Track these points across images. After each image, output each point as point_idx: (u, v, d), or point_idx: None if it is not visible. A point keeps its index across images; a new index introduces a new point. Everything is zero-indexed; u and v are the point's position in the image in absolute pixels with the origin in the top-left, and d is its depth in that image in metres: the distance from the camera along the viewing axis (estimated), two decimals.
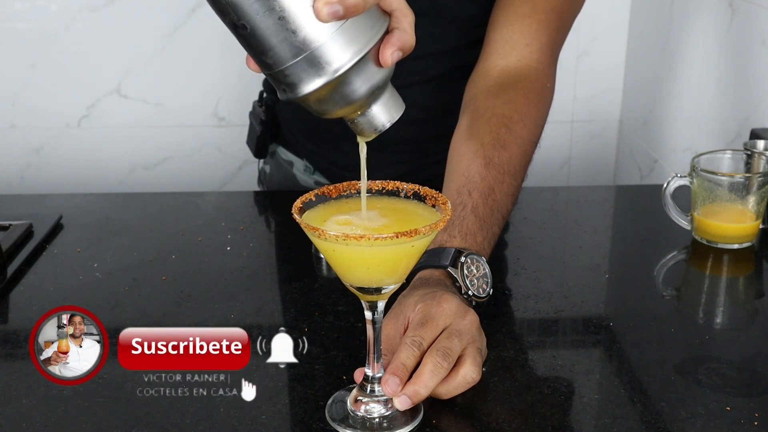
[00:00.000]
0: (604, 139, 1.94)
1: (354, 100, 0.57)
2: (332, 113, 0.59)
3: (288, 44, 0.54)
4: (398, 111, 0.61)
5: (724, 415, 0.67)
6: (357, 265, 0.62)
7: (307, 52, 0.54)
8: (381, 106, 0.60)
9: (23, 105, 1.87)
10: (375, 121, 0.60)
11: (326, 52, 0.54)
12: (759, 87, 1.23)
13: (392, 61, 0.57)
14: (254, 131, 1.26)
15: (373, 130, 0.61)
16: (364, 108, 0.59)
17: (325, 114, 0.59)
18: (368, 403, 0.67)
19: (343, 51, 0.54)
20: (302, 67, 0.55)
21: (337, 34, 0.54)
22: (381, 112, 0.60)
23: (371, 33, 0.56)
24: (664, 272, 0.95)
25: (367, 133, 0.61)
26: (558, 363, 0.75)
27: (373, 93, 0.58)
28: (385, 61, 0.57)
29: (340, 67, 0.55)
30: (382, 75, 0.58)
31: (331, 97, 0.57)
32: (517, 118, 0.92)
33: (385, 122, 0.60)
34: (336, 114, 0.59)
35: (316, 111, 0.59)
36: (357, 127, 0.61)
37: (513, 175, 0.89)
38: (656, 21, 1.67)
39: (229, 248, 0.99)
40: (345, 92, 0.57)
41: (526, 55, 0.97)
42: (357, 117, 0.60)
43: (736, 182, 0.96)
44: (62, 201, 1.16)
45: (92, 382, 0.72)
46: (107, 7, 1.80)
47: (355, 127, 0.61)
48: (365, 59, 0.56)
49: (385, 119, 0.60)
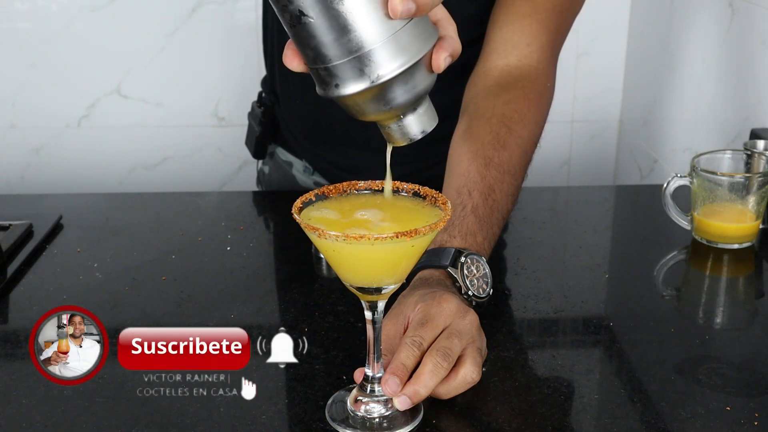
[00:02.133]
0: (604, 139, 1.94)
1: (396, 106, 0.58)
2: (369, 116, 0.59)
3: (347, 40, 0.53)
4: (432, 123, 0.61)
5: (724, 415, 0.67)
6: (357, 265, 0.62)
7: (363, 51, 0.54)
8: (417, 116, 0.60)
9: (23, 105, 1.87)
10: (408, 130, 0.60)
11: (381, 55, 0.54)
12: (759, 87, 1.23)
13: (444, 66, 0.58)
14: (253, 132, 1.25)
15: (404, 139, 0.61)
16: (401, 116, 0.59)
17: (361, 116, 0.59)
18: (368, 403, 0.67)
19: (396, 56, 0.55)
20: (354, 66, 0.54)
21: (394, 38, 0.54)
22: (416, 122, 0.60)
23: (424, 41, 0.56)
24: (664, 272, 0.95)
25: (399, 140, 0.61)
26: (558, 363, 0.75)
27: (414, 101, 0.58)
28: (438, 67, 0.58)
29: (390, 72, 0.55)
30: (426, 84, 0.58)
31: (375, 101, 0.57)
32: (517, 118, 0.92)
33: (418, 132, 0.61)
34: (372, 117, 0.59)
35: (354, 111, 0.58)
36: (390, 133, 0.61)
37: (513, 175, 0.89)
38: (656, 21, 1.67)
39: (229, 248, 0.99)
40: (388, 97, 0.57)
41: (527, 54, 0.97)
42: (392, 123, 0.60)
43: (736, 182, 0.96)
44: (62, 201, 1.16)
45: (92, 382, 0.72)
46: (107, 7, 1.80)
47: (388, 133, 0.61)
48: (415, 66, 0.56)
49: (418, 129, 0.61)
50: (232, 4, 1.80)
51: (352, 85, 0.55)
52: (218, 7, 1.80)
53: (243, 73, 1.85)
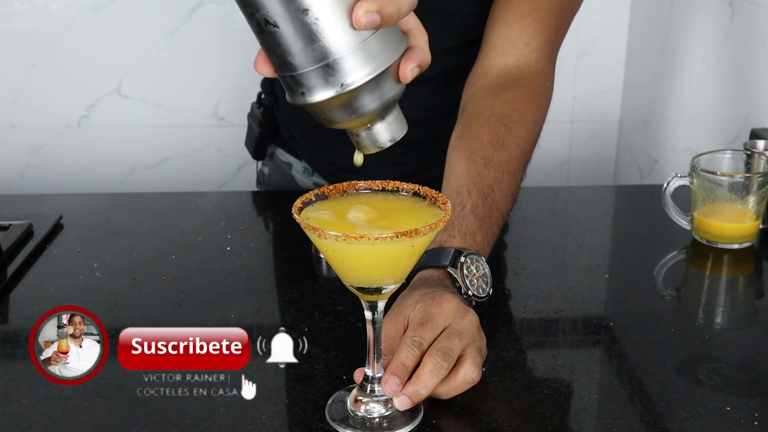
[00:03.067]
0: (604, 139, 1.94)
1: (364, 114, 0.58)
2: (338, 124, 0.59)
3: (314, 48, 0.54)
4: (401, 131, 0.62)
5: (724, 415, 0.67)
6: (357, 265, 0.62)
7: (330, 59, 0.54)
8: (387, 124, 0.60)
9: (23, 105, 1.87)
10: (378, 138, 0.61)
11: (348, 63, 0.54)
12: (759, 87, 1.23)
13: (411, 76, 0.58)
14: (253, 133, 1.25)
15: (374, 147, 0.62)
16: (370, 124, 0.60)
17: (331, 124, 0.59)
18: (368, 403, 0.67)
19: (364, 65, 0.55)
20: (321, 74, 0.55)
21: (361, 46, 0.54)
22: (385, 130, 0.61)
23: (392, 50, 0.57)
24: (664, 272, 0.95)
25: (368, 148, 0.62)
26: (558, 363, 0.75)
27: (382, 110, 0.59)
28: (405, 77, 0.58)
29: (357, 80, 0.55)
30: (394, 92, 0.58)
31: (343, 108, 0.57)
32: (516, 117, 0.92)
33: (387, 140, 0.61)
34: (342, 125, 0.59)
35: (322, 119, 0.59)
36: (360, 141, 0.62)
37: (512, 175, 0.89)
38: (656, 21, 1.67)
39: (229, 248, 0.99)
40: (357, 105, 0.57)
41: (525, 54, 0.97)
42: (361, 131, 0.61)
43: (736, 182, 0.96)
44: (62, 201, 1.16)
45: (92, 382, 0.72)
46: (107, 7, 1.80)
47: (358, 141, 0.62)
48: (383, 75, 0.56)
49: (387, 137, 0.61)
50: (232, 4, 1.79)
51: (319, 93, 0.56)
52: (218, 7, 1.80)
53: (243, 73, 1.85)
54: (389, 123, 0.60)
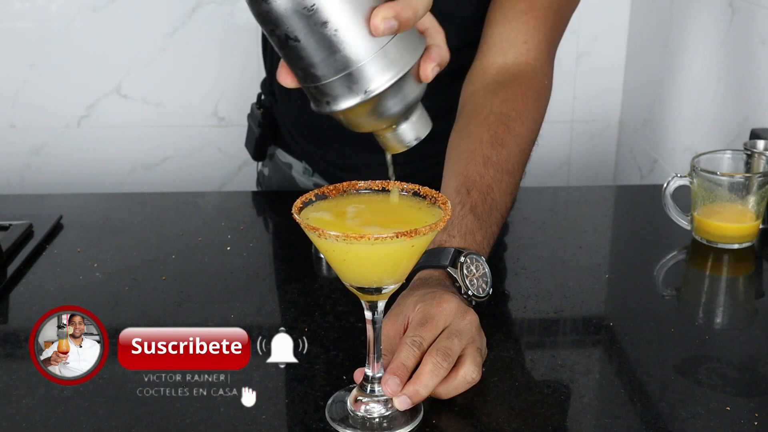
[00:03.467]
0: (604, 139, 1.94)
1: (389, 117, 0.59)
2: (364, 128, 0.60)
3: (335, 59, 0.54)
4: (426, 129, 0.63)
5: (724, 415, 0.67)
6: (357, 265, 0.62)
7: (352, 68, 0.55)
8: (411, 123, 0.61)
9: (23, 105, 1.87)
10: (403, 137, 0.62)
11: (370, 70, 0.55)
12: (759, 87, 1.23)
13: (432, 75, 0.59)
14: (252, 134, 1.25)
15: (401, 146, 0.63)
16: (395, 125, 0.61)
17: (357, 128, 0.60)
18: (368, 403, 0.67)
19: (385, 70, 0.56)
20: (344, 83, 0.56)
21: (382, 52, 0.55)
22: (410, 129, 0.62)
23: (412, 52, 0.57)
24: (664, 272, 0.95)
25: (395, 147, 0.63)
26: (558, 363, 0.75)
27: (406, 111, 0.60)
28: (426, 77, 0.59)
29: (380, 86, 0.56)
30: (416, 94, 0.59)
31: (368, 113, 0.58)
32: (515, 116, 0.92)
33: (413, 139, 0.62)
34: (367, 128, 0.60)
35: (348, 125, 0.60)
36: (386, 142, 0.63)
37: (512, 174, 0.88)
38: (656, 21, 1.67)
39: (229, 248, 0.99)
40: (380, 110, 0.58)
41: (524, 52, 0.96)
42: (387, 132, 0.62)
43: (736, 182, 0.96)
44: (62, 201, 1.16)
45: (92, 382, 0.72)
46: (107, 7, 1.80)
47: (384, 141, 0.63)
48: (405, 78, 0.57)
49: (413, 136, 0.62)
50: (232, 4, 1.80)
51: (344, 101, 0.56)
52: (218, 7, 1.80)
53: (243, 73, 1.85)
54: (413, 122, 0.61)
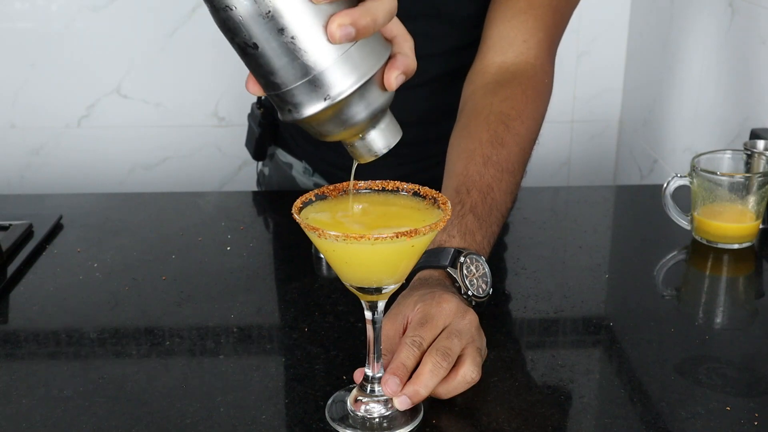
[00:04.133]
0: (604, 139, 1.94)
1: (354, 124, 0.58)
2: (332, 136, 0.59)
3: (295, 66, 0.54)
4: (395, 137, 0.62)
5: (724, 415, 0.67)
6: (357, 265, 0.62)
7: (312, 74, 0.54)
8: (380, 131, 0.61)
9: (23, 105, 1.87)
10: (373, 146, 0.61)
11: (331, 76, 0.55)
12: (759, 87, 1.23)
13: (396, 84, 0.58)
14: (253, 133, 1.25)
15: (370, 155, 0.62)
16: (364, 132, 0.60)
17: (325, 136, 0.59)
18: (368, 403, 0.67)
19: (347, 76, 0.55)
20: (306, 90, 0.55)
21: (343, 58, 0.55)
22: (379, 137, 0.61)
23: (375, 59, 0.57)
24: (664, 272, 0.95)
25: (365, 156, 0.62)
26: (558, 363, 0.75)
27: (373, 118, 0.59)
28: (390, 85, 0.58)
29: (342, 92, 0.55)
30: (383, 100, 0.59)
31: (332, 121, 0.57)
32: (515, 115, 0.92)
33: (382, 147, 0.61)
34: (335, 137, 0.60)
35: (315, 133, 0.59)
36: (355, 151, 0.62)
37: (512, 173, 0.88)
38: (656, 21, 1.67)
39: (229, 248, 0.99)
40: (346, 116, 0.57)
41: (524, 51, 0.96)
42: (355, 141, 0.61)
43: (736, 182, 0.96)
44: (62, 201, 1.16)
45: (92, 382, 0.72)
46: (107, 7, 1.80)
47: (354, 151, 0.62)
48: (368, 84, 0.56)
49: (382, 144, 0.61)
50: None
51: (306, 108, 0.56)
52: None
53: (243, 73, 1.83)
54: (382, 130, 0.61)
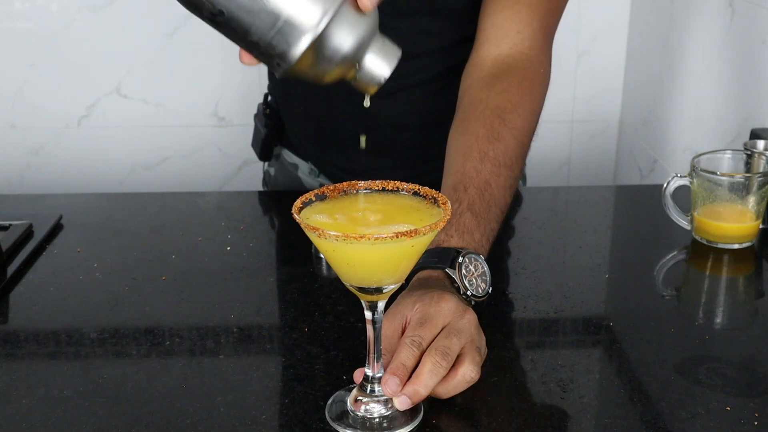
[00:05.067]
0: (604, 139, 1.95)
1: (345, 56, 0.57)
2: (329, 74, 0.58)
3: (263, 16, 0.54)
4: (394, 57, 0.61)
5: (724, 415, 0.67)
6: (357, 265, 0.62)
7: (282, 19, 0.54)
8: (374, 56, 0.59)
9: (23, 105, 1.87)
10: (374, 73, 0.60)
11: (300, 15, 0.55)
12: (759, 87, 1.23)
13: (372, 5, 0.57)
14: (259, 134, 1.25)
15: (374, 83, 0.61)
16: (358, 62, 0.59)
17: (323, 77, 0.59)
18: (368, 403, 0.67)
19: (315, 10, 0.55)
20: (283, 36, 0.55)
21: None
22: (376, 61, 0.60)
23: None
24: (664, 272, 0.95)
25: (371, 85, 0.61)
26: (558, 363, 0.75)
27: (361, 44, 0.58)
28: (364, 5, 0.57)
29: (315, 24, 0.55)
30: (366, 24, 0.58)
31: (321, 59, 0.57)
32: (510, 108, 0.91)
33: (384, 71, 0.60)
34: (333, 74, 0.59)
35: (313, 77, 0.59)
36: (359, 84, 0.61)
37: (509, 167, 0.88)
38: (656, 21, 1.67)
39: (229, 248, 0.99)
40: (332, 50, 0.57)
41: (518, 42, 0.96)
42: (356, 73, 0.60)
43: (736, 182, 0.96)
44: (62, 201, 1.16)
45: (92, 382, 0.72)
46: (107, 7, 1.80)
47: (358, 85, 0.61)
48: (341, 12, 0.56)
49: (383, 68, 0.60)
50: None
51: (290, 54, 0.56)
52: None
53: (243, 73, 1.85)
54: (376, 54, 0.60)
